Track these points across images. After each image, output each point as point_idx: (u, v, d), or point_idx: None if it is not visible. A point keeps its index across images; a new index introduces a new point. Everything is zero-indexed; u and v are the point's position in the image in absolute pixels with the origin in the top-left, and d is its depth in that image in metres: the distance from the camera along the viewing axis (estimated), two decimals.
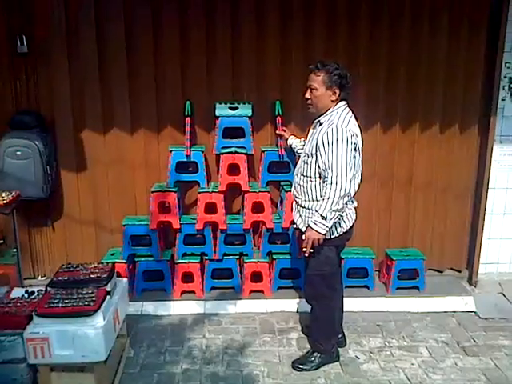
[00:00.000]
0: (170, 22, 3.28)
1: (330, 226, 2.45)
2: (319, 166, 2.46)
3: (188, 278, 3.39)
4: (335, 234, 2.56)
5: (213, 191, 3.31)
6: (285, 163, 3.39)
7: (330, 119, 2.48)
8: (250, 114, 3.33)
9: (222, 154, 3.31)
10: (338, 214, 2.44)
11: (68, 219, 3.53)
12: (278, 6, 3.29)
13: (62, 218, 3.53)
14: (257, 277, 3.41)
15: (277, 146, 3.38)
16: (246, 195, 3.34)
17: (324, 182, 2.45)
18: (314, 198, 2.53)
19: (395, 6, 3.33)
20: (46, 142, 3.25)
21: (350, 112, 2.54)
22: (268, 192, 3.34)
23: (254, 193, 3.32)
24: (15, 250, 2.99)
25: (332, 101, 2.50)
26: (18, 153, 3.17)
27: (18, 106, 3.33)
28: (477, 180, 3.65)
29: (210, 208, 3.34)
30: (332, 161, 2.38)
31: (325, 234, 2.47)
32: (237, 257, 3.43)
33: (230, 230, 3.35)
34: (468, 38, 3.40)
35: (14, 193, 2.94)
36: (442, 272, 3.80)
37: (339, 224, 2.55)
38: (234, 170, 3.32)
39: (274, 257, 3.41)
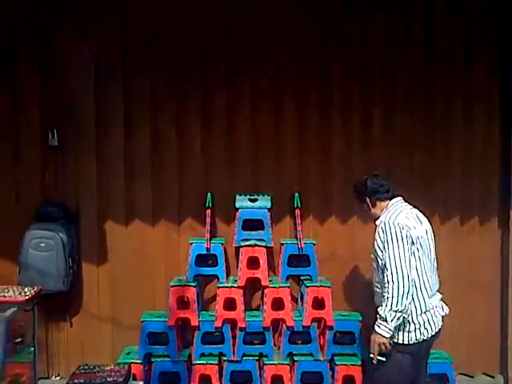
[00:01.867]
0: (194, 117, 3.48)
1: (392, 328, 2.30)
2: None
3: (205, 381, 3.23)
4: (413, 340, 2.36)
5: (232, 286, 3.27)
6: (304, 257, 3.36)
7: (380, 218, 2.50)
8: (269, 206, 3.38)
9: (242, 246, 3.31)
10: (400, 314, 2.28)
11: (86, 314, 3.49)
12: (293, 98, 3.50)
13: (80, 312, 3.50)
14: (277, 381, 3.23)
15: (296, 238, 3.38)
16: (265, 290, 3.28)
17: (385, 282, 2.33)
18: None
19: (410, 93, 3.52)
20: (69, 233, 3.31)
21: (404, 206, 2.52)
22: (288, 287, 3.29)
23: (273, 288, 3.27)
24: (32, 348, 2.90)
25: (374, 206, 2.57)
26: (42, 244, 3.21)
27: (45, 197, 3.43)
28: (501, 276, 3.54)
29: (229, 303, 3.27)
30: (386, 258, 2.33)
31: (390, 338, 2.33)
32: (256, 358, 3.27)
33: (250, 327, 3.25)
34: (483, 130, 3.54)
35: (36, 288, 2.87)
36: (472, 377, 3.56)
37: (415, 329, 2.36)
38: (253, 263, 3.30)
39: (295, 358, 3.25)
